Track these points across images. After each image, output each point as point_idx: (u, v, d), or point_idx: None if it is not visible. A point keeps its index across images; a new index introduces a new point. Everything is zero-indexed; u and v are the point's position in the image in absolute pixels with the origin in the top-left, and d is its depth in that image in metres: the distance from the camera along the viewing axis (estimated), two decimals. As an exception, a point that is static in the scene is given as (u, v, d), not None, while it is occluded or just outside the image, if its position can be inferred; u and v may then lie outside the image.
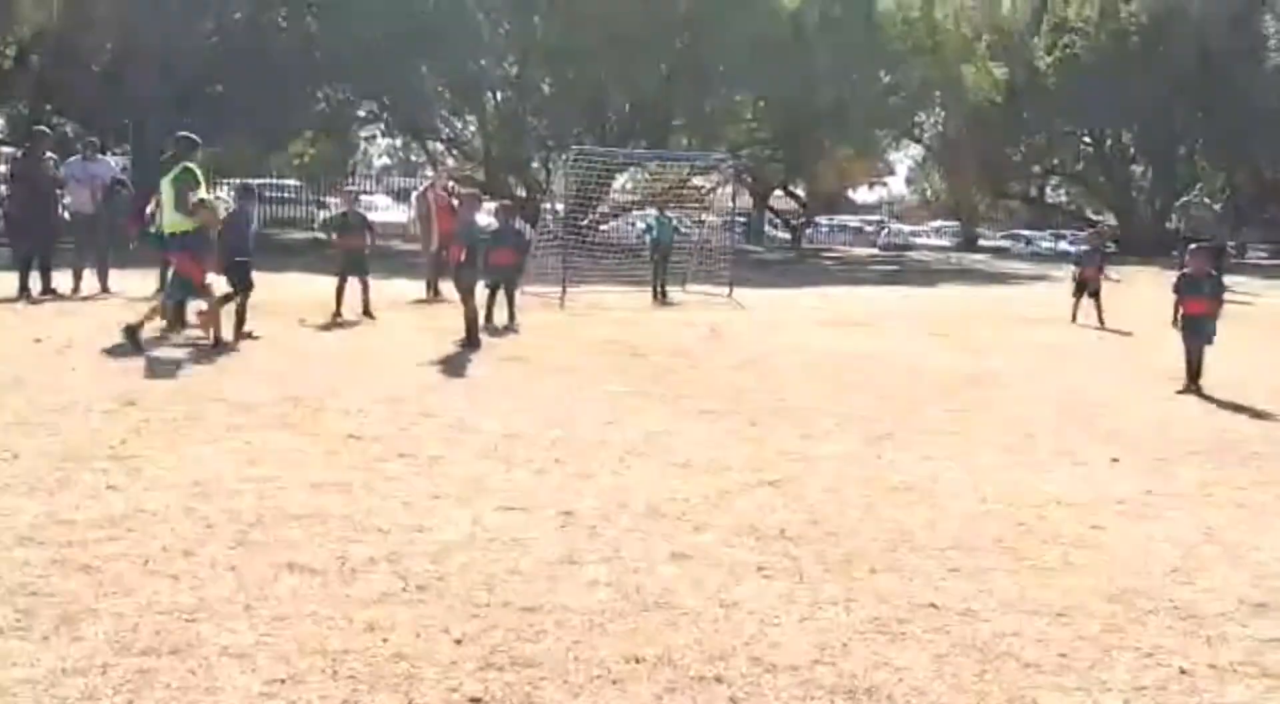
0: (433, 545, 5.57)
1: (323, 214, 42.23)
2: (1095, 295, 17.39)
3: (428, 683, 4.11)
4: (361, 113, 37.88)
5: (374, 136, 43.58)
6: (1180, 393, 11.22)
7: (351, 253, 14.82)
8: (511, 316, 14.45)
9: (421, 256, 18.55)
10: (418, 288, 17.65)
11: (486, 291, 14.30)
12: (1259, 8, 43.60)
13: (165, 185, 12.18)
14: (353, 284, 14.72)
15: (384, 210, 40.48)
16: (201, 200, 11.93)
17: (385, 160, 55.85)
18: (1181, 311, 11.62)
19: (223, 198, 15.43)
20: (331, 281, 14.89)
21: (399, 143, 41.83)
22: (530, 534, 5.82)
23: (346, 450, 7.42)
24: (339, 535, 5.66)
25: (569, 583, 5.15)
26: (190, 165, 12.18)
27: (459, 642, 4.45)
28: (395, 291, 17.55)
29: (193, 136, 12.66)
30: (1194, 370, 11.39)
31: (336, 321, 14.06)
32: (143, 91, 29.61)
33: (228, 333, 11.83)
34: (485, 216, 15.67)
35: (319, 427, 8.07)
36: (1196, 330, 11.47)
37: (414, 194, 20.73)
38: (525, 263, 16.09)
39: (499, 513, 6.16)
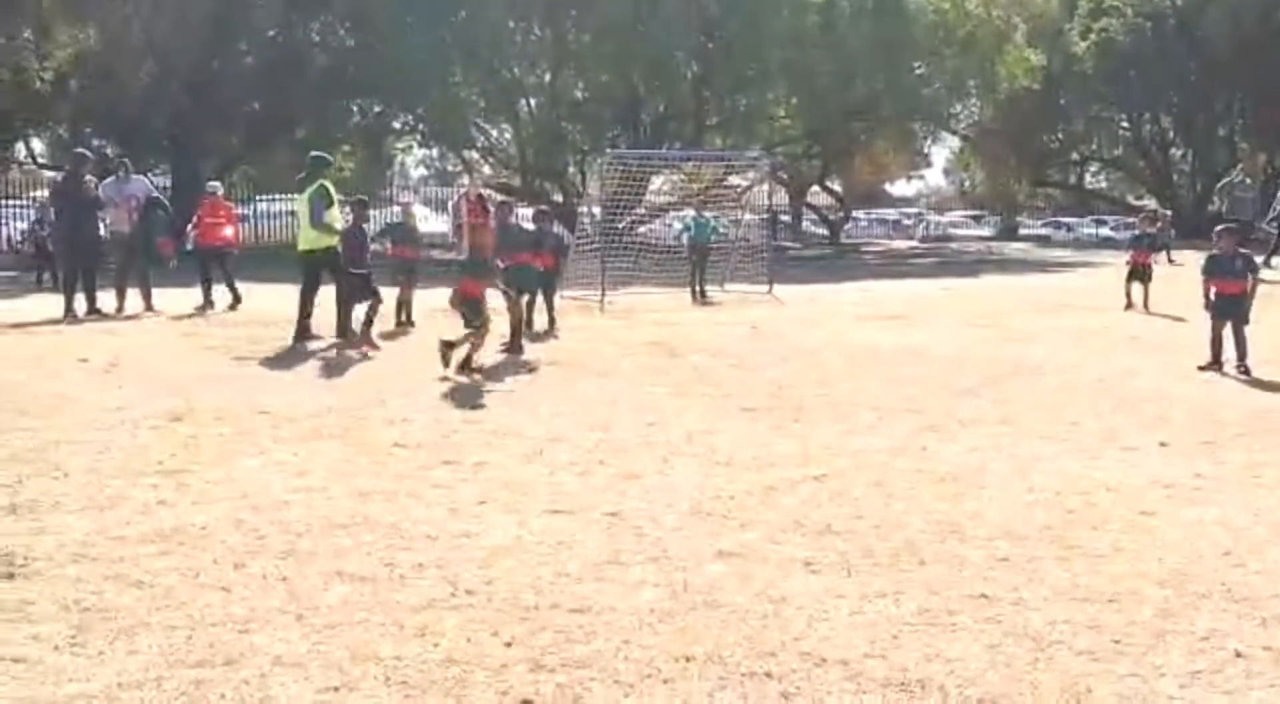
0: (480, 550, 5.60)
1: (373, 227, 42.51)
2: (1146, 280, 17.24)
3: (479, 686, 4.12)
4: (397, 125, 38.08)
5: (410, 147, 43.75)
6: (1203, 369, 11.26)
7: (406, 262, 14.86)
8: (551, 321, 14.48)
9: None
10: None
11: (526, 297, 14.32)
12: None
13: (301, 203, 13.00)
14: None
15: (422, 221, 40.72)
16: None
17: (422, 170, 56.15)
18: (1214, 292, 11.56)
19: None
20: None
21: (435, 153, 42.02)
22: (576, 536, 5.83)
23: (392, 459, 7.46)
24: (387, 543, 5.70)
25: (616, 583, 5.16)
26: (325, 183, 13.07)
27: (509, 644, 4.47)
28: (437, 300, 17.59)
29: (325, 156, 13.77)
30: (1218, 349, 11.39)
31: (401, 330, 14.07)
32: (180, 111, 29.94)
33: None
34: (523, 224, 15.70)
35: (364, 436, 8.12)
36: (1228, 311, 11.43)
37: (451, 203, 20.82)
38: (563, 267, 16.12)
39: (544, 516, 6.18)
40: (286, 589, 5.07)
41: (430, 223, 39.01)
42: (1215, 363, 11.34)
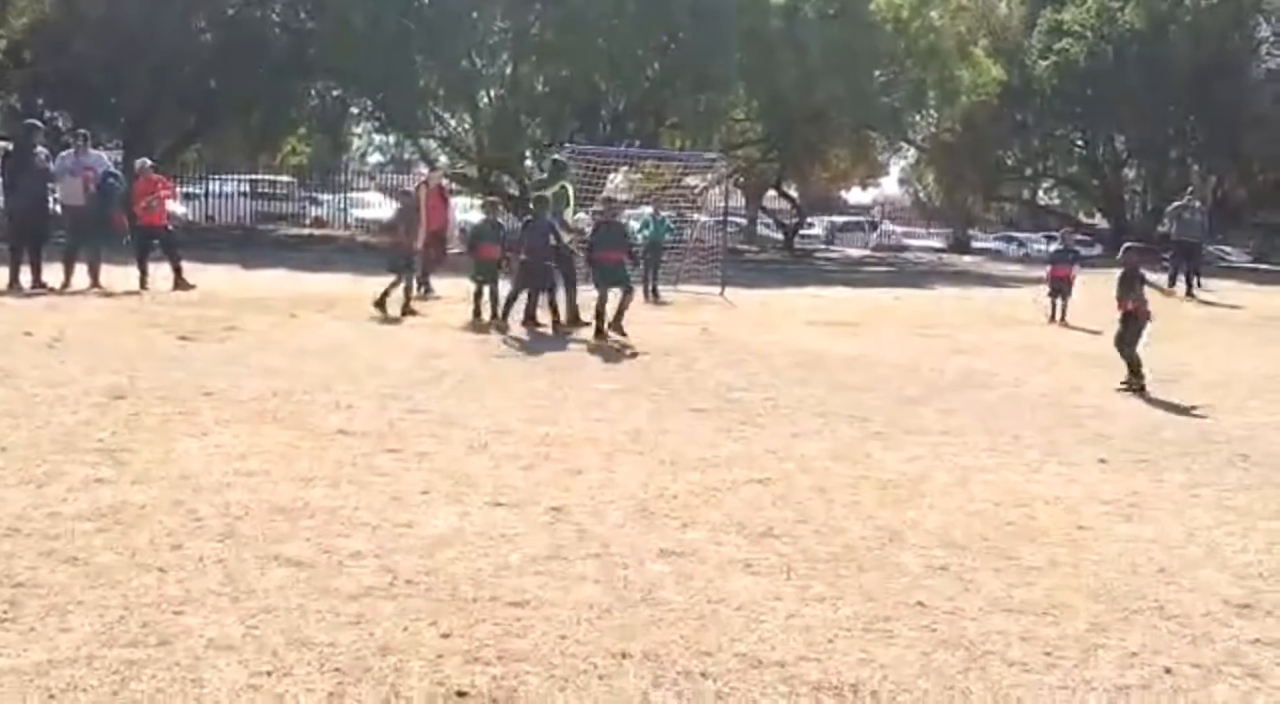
0: (420, 540, 5.58)
1: (314, 211, 42.22)
2: (1065, 295, 17.49)
3: (414, 676, 4.11)
4: (355, 110, 37.86)
5: (367, 133, 43.52)
6: (1120, 389, 11.41)
7: (485, 261, 14.51)
8: (495, 312, 14.42)
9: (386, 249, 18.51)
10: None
11: (474, 287, 14.30)
12: (1253, 14, 43.68)
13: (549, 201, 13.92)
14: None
15: (376, 207, 40.50)
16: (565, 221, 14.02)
17: (379, 157, 55.79)
18: (1133, 308, 11.71)
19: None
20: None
21: (392, 140, 41.77)
22: (518, 530, 5.83)
23: (335, 445, 7.42)
24: (327, 529, 5.67)
25: (557, 578, 5.16)
26: (566, 184, 14.51)
27: (445, 636, 4.46)
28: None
29: (562, 160, 15.09)
30: (1134, 368, 11.50)
31: (478, 324, 14.04)
32: (136, 86, 29.61)
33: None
34: (470, 214, 15.68)
35: (308, 422, 8.07)
36: (1127, 331, 11.62)
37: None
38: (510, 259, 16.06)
39: (487, 508, 6.17)
40: (223, 572, 5.03)
41: (383, 210, 39.03)
42: (1137, 380, 11.47)
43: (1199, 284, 25.26)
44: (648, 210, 21.81)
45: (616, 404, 9.43)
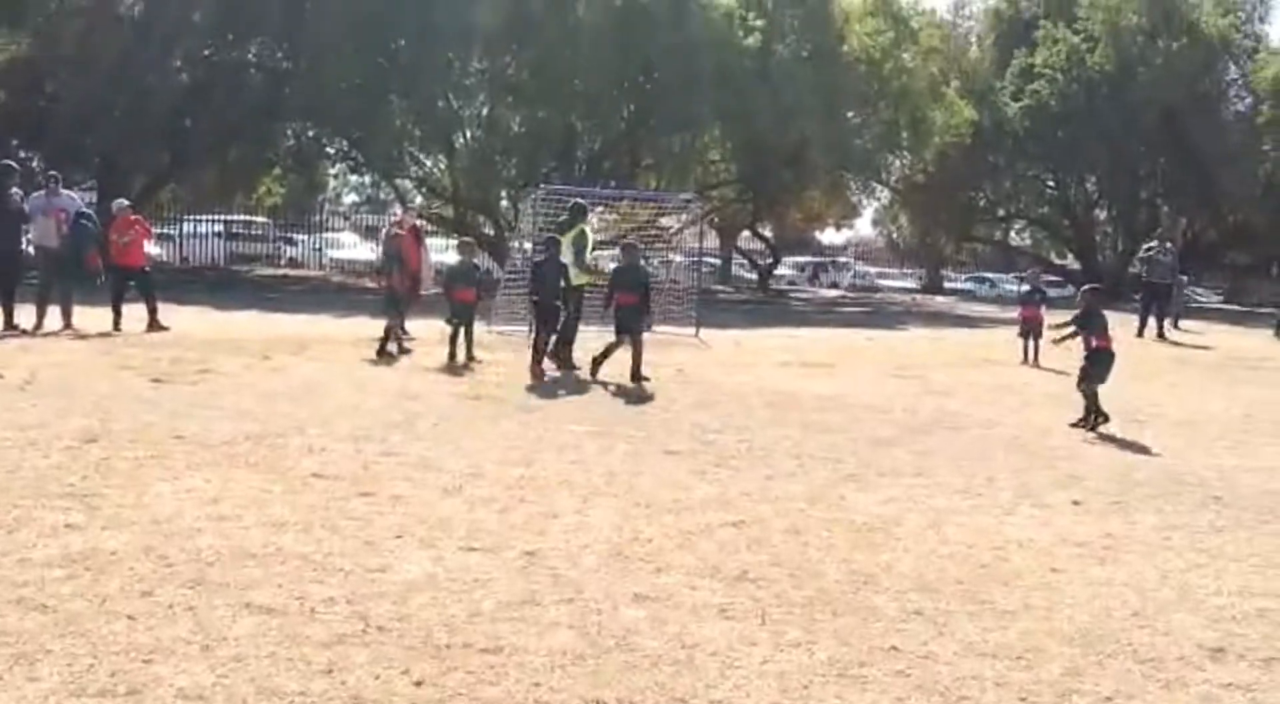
0: (394, 586, 5.55)
1: (288, 251, 42.17)
2: (1035, 336, 17.58)
3: (386, 725, 4.08)
4: (330, 150, 37.87)
5: (342, 174, 43.54)
6: (1075, 426, 11.55)
7: (463, 304, 14.54)
8: (470, 354, 14.42)
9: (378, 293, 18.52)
10: (380, 325, 17.56)
11: (450, 329, 14.30)
12: (1221, 57, 44.23)
13: (566, 245, 14.36)
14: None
15: (351, 248, 40.52)
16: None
17: (354, 197, 55.81)
18: (1094, 345, 11.82)
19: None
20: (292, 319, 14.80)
21: (368, 180, 41.78)
22: (492, 574, 5.80)
23: (309, 489, 7.38)
24: (299, 575, 5.63)
25: (530, 624, 5.14)
26: (585, 228, 14.98)
27: (419, 684, 4.43)
28: (363, 329, 17.52)
29: (583, 202, 15.72)
30: (1091, 405, 11.63)
31: (453, 366, 14.03)
32: (111, 126, 29.54)
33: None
34: (447, 255, 15.72)
35: (281, 465, 8.03)
36: (1100, 367, 11.72)
37: (383, 232, 20.68)
38: (486, 300, 16.11)
39: (461, 553, 6.14)
40: (194, 619, 4.99)
41: (357, 250, 39.05)
42: (1100, 418, 11.58)
43: (1175, 325, 25.56)
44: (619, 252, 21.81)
45: (591, 446, 9.42)
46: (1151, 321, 23.56)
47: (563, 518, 7.00)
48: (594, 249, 15.42)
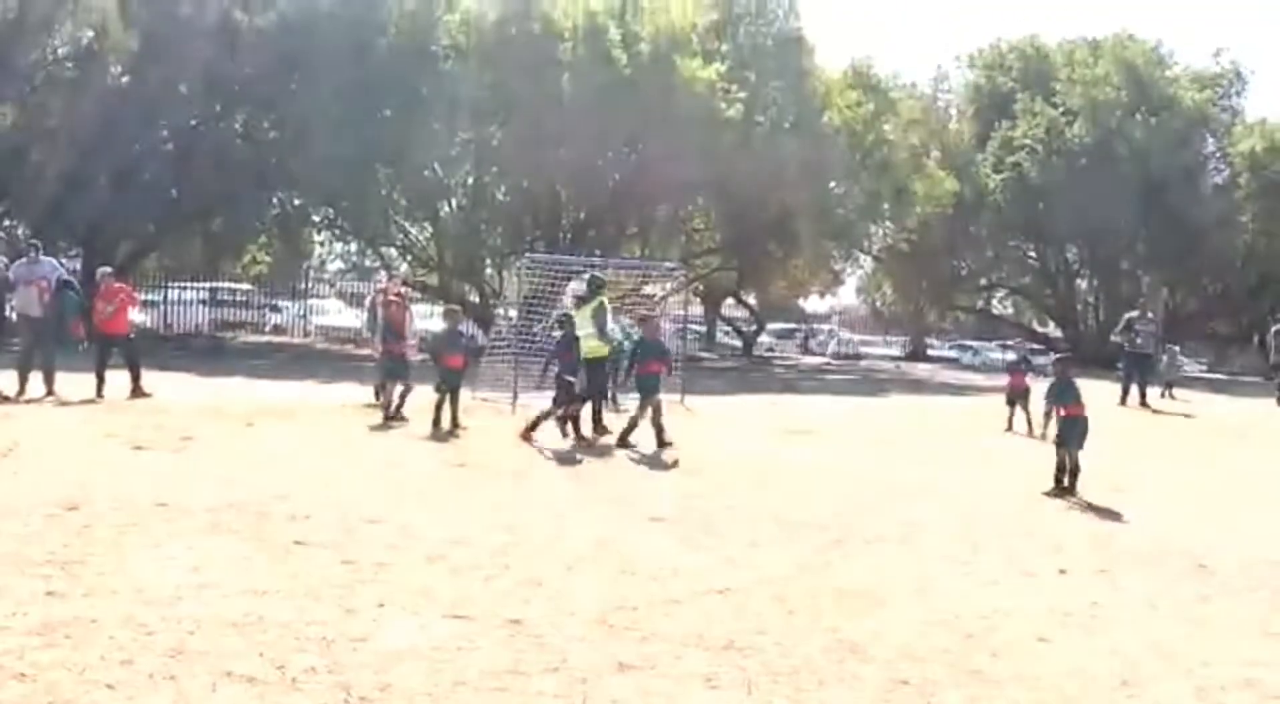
0: (376, 655, 5.50)
1: (273, 318, 42.16)
2: (1022, 404, 17.63)
3: (368, 796, 4.03)
4: (316, 218, 37.97)
5: (328, 241, 43.64)
6: (1048, 495, 11.53)
7: (451, 370, 14.56)
8: (455, 420, 14.38)
9: (373, 361, 18.48)
10: (365, 392, 17.54)
11: (437, 396, 14.29)
12: (1199, 130, 44.81)
13: (584, 317, 14.73)
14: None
15: (336, 314, 40.52)
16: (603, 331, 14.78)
17: (339, 264, 55.92)
18: (1060, 415, 11.97)
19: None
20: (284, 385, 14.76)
21: (353, 248, 41.86)
22: (476, 643, 5.76)
23: (291, 557, 7.33)
24: (280, 644, 5.57)
25: (515, 693, 5.09)
26: (603, 300, 15.18)
27: (401, 754, 4.38)
28: (348, 395, 17.50)
29: (600, 277, 16.05)
30: (1072, 472, 11.67)
31: (438, 433, 13.95)
32: (96, 194, 29.59)
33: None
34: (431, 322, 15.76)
35: (263, 532, 7.98)
36: (1074, 433, 11.78)
37: (368, 299, 20.70)
38: (472, 366, 16.11)
39: (445, 621, 6.10)
40: (174, 689, 4.94)
41: (343, 316, 39.05)
42: (1070, 486, 11.64)
43: (1170, 394, 25.77)
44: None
45: (577, 513, 9.39)
46: (1134, 390, 23.62)
47: (548, 585, 6.96)
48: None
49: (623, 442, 13.73)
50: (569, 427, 14.14)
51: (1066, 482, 11.64)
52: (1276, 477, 14.07)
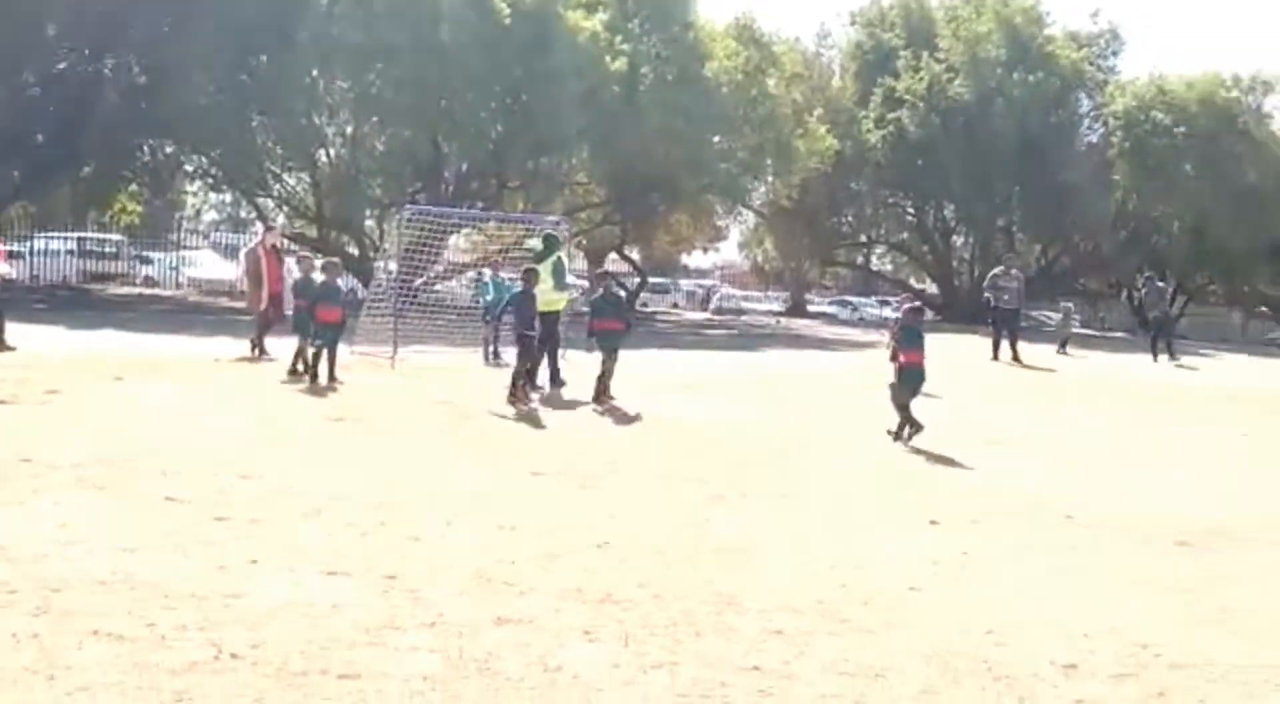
0: (249, 612, 5.41)
1: (145, 270, 41.08)
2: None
3: (238, 755, 3.97)
4: (189, 167, 36.99)
5: (202, 191, 42.55)
6: (897, 439, 12.02)
7: (328, 324, 14.24)
8: (332, 375, 14.18)
9: (248, 313, 18.15)
10: (241, 345, 17.22)
11: (313, 350, 14.07)
12: (1074, 89, 45.61)
13: (545, 272, 14.96)
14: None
15: (210, 266, 39.64)
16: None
17: (214, 215, 54.66)
18: (901, 361, 12.35)
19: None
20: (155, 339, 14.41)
21: (228, 198, 40.85)
22: (352, 599, 5.69)
23: (161, 513, 7.17)
24: (150, 601, 5.46)
25: (390, 649, 5.05)
26: (560, 255, 16.10)
27: (273, 711, 4.32)
28: (221, 349, 17.16)
29: (554, 234, 16.81)
30: (909, 417, 12.10)
31: (315, 387, 13.71)
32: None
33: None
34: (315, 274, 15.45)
35: (133, 488, 7.80)
36: (913, 379, 12.24)
37: (242, 251, 20.26)
38: (351, 320, 15.89)
39: (320, 577, 6.02)
40: (38, 647, 4.80)
41: (217, 268, 38.21)
42: (914, 430, 12.05)
43: (1064, 351, 26.49)
44: (487, 272, 21.65)
45: (456, 468, 9.33)
46: (1005, 345, 24.12)
47: (425, 540, 6.91)
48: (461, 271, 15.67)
49: (600, 399, 13.85)
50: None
51: (902, 426, 12.10)
52: (1143, 429, 14.50)
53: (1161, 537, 8.22)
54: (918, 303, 14.11)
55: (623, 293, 16.88)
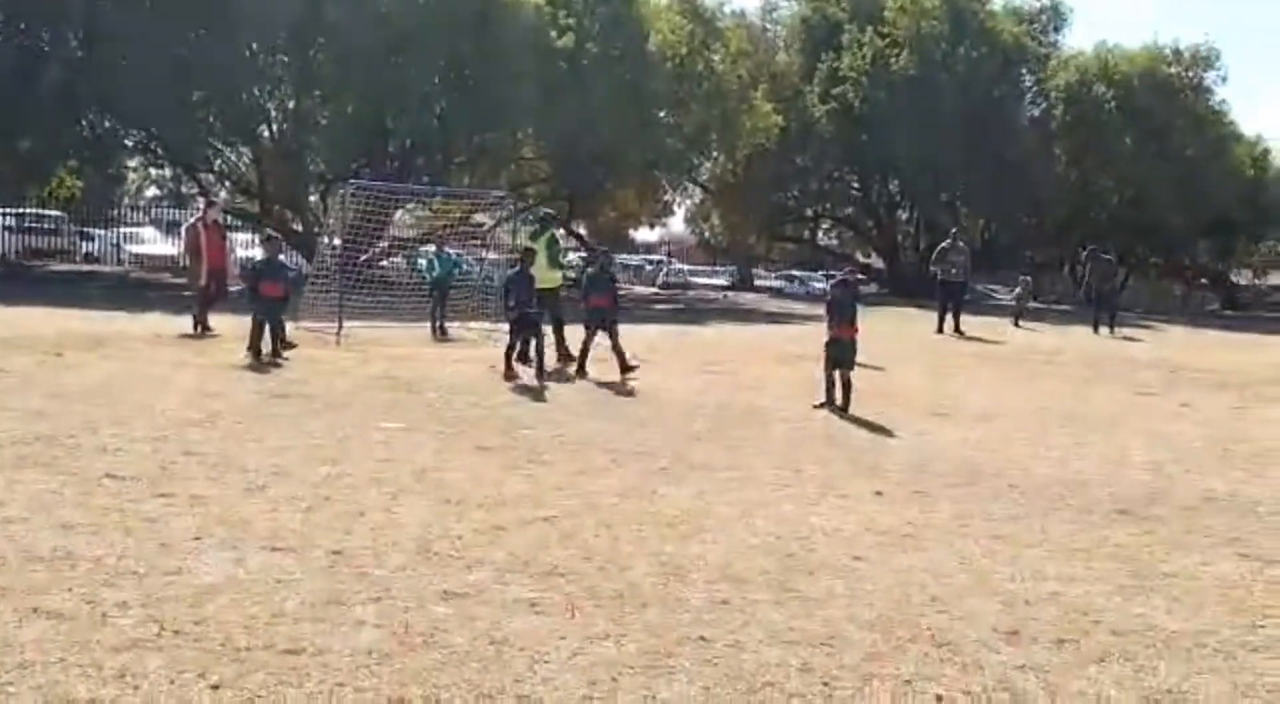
0: (191, 589, 5.36)
1: (85, 246, 40.53)
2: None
3: (181, 731, 3.94)
4: (129, 142, 36.45)
5: (142, 166, 41.96)
6: (818, 408, 12.38)
7: (271, 300, 14.14)
8: (276, 351, 14.08)
9: (190, 289, 17.97)
10: (184, 322, 17.04)
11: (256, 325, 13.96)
12: (1018, 65, 45.91)
13: (541, 249, 15.61)
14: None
15: (151, 243, 39.16)
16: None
17: (155, 191, 53.96)
18: (831, 335, 12.77)
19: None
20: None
21: (169, 174, 40.29)
22: (296, 575, 5.66)
23: (102, 490, 7.09)
24: (90, 579, 5.40)
25: (335, 624, 5.02)
26: (555, 233, 16.82)
27: (216, 687, 4.28)
28: (163, 326, 16.97)
29: (550, 212, 18.61)
30: (830, 386, 12.55)
31: (258, 364, 13.67)
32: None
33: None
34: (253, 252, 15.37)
35: (73, 466, 7.70)
36: (840, 351, 12.60)
37: (183, 226, 20.04)
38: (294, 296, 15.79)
39: (263, 553, 5.98)
40: (-24, 626, 4.74)
41: (158, 245, 37.75)
42: (844, 401, 12.44)
43: (1018, 323, 26.82)
44: (430, 248, 21.54)
45: (401, 443, 9.29)
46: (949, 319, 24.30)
47: (370, 516, 6.88)
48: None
49: (625, 370, 14.12)
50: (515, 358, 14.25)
51: (839, 397, 12.46)
52: (1085, 400, 14.67)
53: (1102, 505, 8.32)
54: (848, 277, 14.23)
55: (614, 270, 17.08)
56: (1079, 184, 45.66)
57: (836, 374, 12.49)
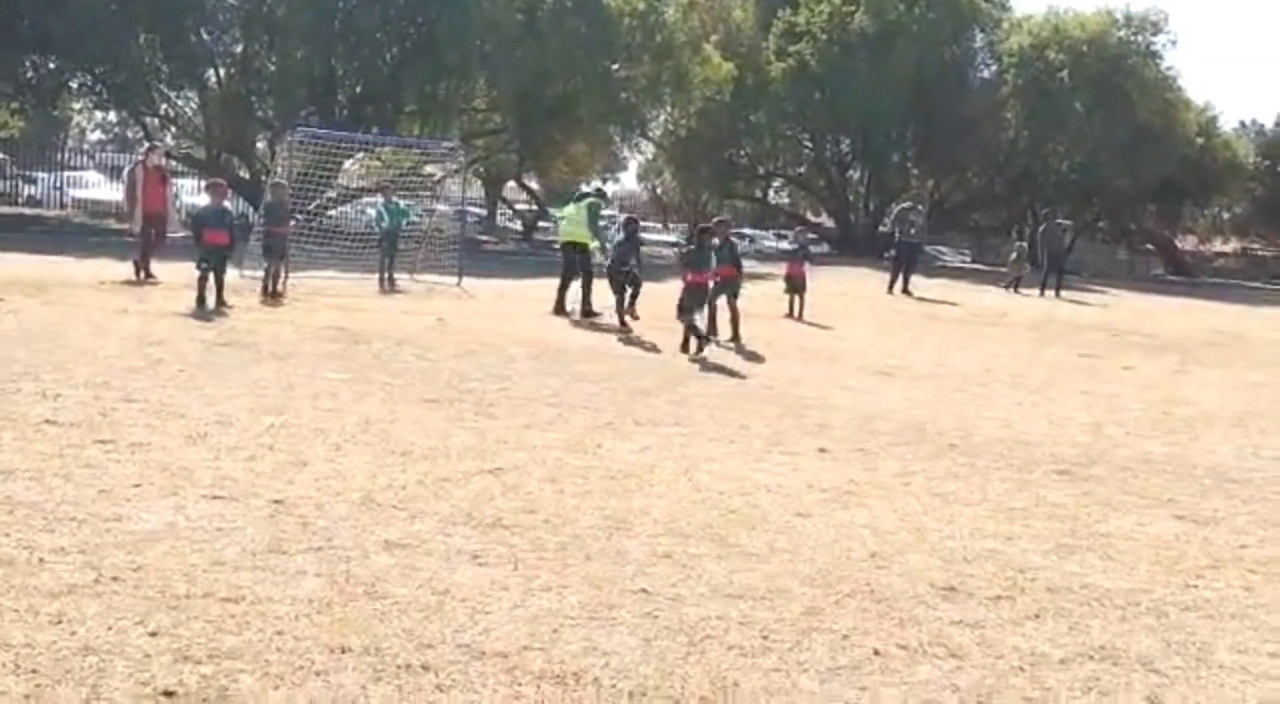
0: (130, 535, 5.32)
1: (28, 189, 39.89)
2: (799, 291, 18.22)
3: (118, 677, 3.91)
4: (74, 84, 35.80)
5: (87, 109, 41.29)
6: (690, 353, 13.16)
7: (216, 247, 13.98)
8: (220, 299, 13.94)
9: (131, 235, 17.72)
10: (126, 267, 16.83)
11: (200, 272, 13.80)
12: (970, 26, 45.93)
13: (580, 210, 16.97)
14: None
15: (95, 187, 38.56)
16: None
17: (100, 135, 53.16)
18: (686, 280, 13.69)
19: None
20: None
21: (114, 118, 39.68)
22: (236, 523, 5.63)
23: (41, 436, 7.01)
24: (28, 525, 5.34)
25: (275, 573, 5.00)
26: (598, 201, 17.68)
27: (154, 634, 4.26)
28: (105, 271, 16.75)
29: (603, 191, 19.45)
30: (688, 333, 13.33)
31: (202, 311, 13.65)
32: None
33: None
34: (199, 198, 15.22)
35: (12, 411, 7.60)
36: (696, 296, 13.50)
37: (126, 170, 19.72)
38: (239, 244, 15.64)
39: (204, 501, 5.94)
40: (-92, 572, 4.69)
41: (102, 190, 37.19)
42: (706, 342, 13.36)
43: (1016, 290, 27.17)
44: (379, 199, 21.34)
45: (346, 394, 9.24)
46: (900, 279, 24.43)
47: (314, 466, 6.85)
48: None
49: (633, 317, 15.31)
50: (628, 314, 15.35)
51: (686, 341, 13.26)
52: (1029, 362, 14.82)
53: (1042, 465, 8.43)
54: (707, 225, 15.37)
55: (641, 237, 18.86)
56: (1029, 146, 45.83)
57: (696, 317, 13.34)
